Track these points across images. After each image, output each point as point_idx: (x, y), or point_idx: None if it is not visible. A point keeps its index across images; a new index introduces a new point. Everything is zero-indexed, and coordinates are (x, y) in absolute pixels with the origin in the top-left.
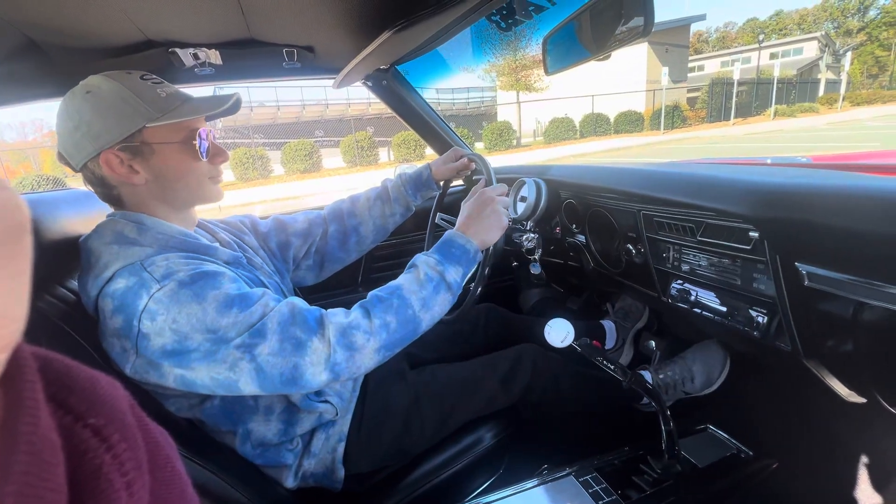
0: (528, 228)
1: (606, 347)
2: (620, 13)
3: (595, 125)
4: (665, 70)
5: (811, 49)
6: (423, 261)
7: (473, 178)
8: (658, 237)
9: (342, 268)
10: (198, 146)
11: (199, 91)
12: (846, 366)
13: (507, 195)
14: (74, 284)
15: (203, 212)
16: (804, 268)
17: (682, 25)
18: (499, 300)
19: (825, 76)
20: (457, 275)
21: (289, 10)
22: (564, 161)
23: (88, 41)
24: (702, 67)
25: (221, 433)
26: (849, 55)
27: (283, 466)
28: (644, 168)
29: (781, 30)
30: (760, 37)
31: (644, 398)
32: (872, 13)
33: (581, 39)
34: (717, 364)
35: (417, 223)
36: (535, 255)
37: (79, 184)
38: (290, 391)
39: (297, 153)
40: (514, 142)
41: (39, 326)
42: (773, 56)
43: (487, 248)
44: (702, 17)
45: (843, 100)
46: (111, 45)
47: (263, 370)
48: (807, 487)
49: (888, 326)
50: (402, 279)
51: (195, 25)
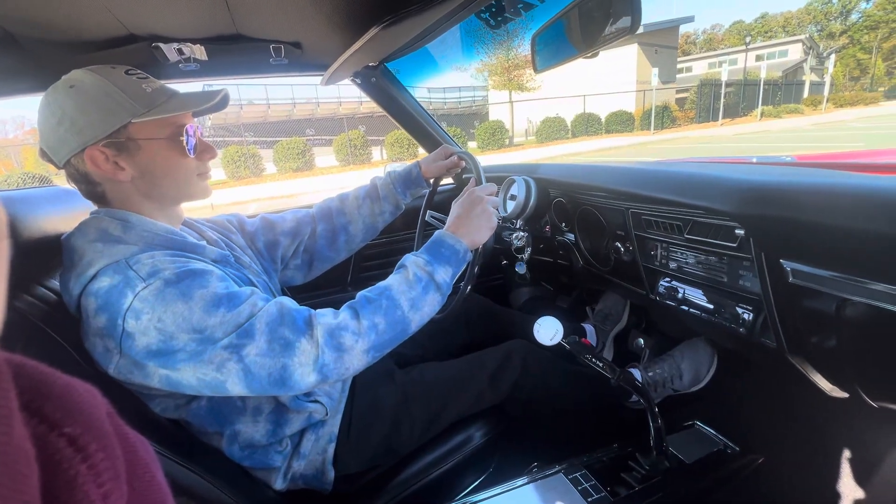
0: (518, 227)
1: None
2: (609, 11)
3: (586, 125)
4: (655, 71)
5: (796, 51)
6: (413, 261)
7: (463, 177)
8: (646, 235)
9: (331, 267)
10: (185, 142)
11: (185, 87)
12: (829, 361)
13: (497, 194)
14: (55, 284)
15: (195, 210)
16: (789, 265)
17: (671, 27)
18: (488, 298)
19: (809, 78)
20: (446, 275)
21: (275, 5)
22: (556, 160)
23: (69, 35)
24: (689, 69)
25: (208, 434)
26: (832, 58)
27: (272, 468)
28: (632, 166)
29: (767, 32)
30: (747, 38)
31: (633, 395)
32: (854, 17)
33: (569, 37)
34: (705, 361)
35: (407, 222)
36: (524, 254)
37: (64, 182)
38: (278, 392)
39: (290, 152)
40: (507, 141)
41: (18, 327)
42: (759, 58)
43: (477, 248)
44: (690, 19)
45: (827, 101)
46: (92, 40)
47: (251, 371)
48: (792, 481)
49: (870, 322)
50: (392, 280)
51: (179, 19)
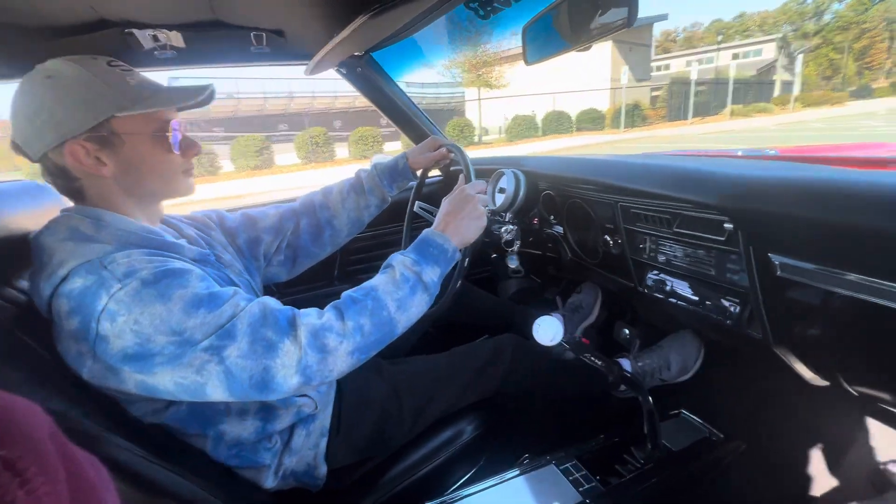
0: (507, 220)
1: None
2: (597, 3)
3: (557, 123)
4: (625, 69)
5: (769, 51)
6: (400, 260)
7: (451, 169)
8: (635, 228)
9: (316, 262)
10: (170, 138)
11: (159, 76)
12: (812, 351)
13: (486, 191)
14: (24, 284)
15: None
16: (777, 258)
17: (646, 24)
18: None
19: (781, 77)
20: (434, 274)
21: None
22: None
23: (34, 20)
24: (668, 66)
25: (191, 437)
26: (800, 57)
27: (262, 466)
28: (622, 160)
29: (745, 31)
30: (719, 37)
31: (621, 386)
32: (827, 17)
33: (561, 30)
34: (693, 353)
35: (393, 215)
36: (514, 247)
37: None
38: (259, 396)
39: (247, 149)
40: (476, 138)
41: None
42: (735, 56)
43: (466, 246)
44: (664, 17)
45: (796, 101)
46: (60, 25)
47: (232, 373)
48: (773, 466)
49: (854, 313)
50: (378, 279)
51: (154, 4)
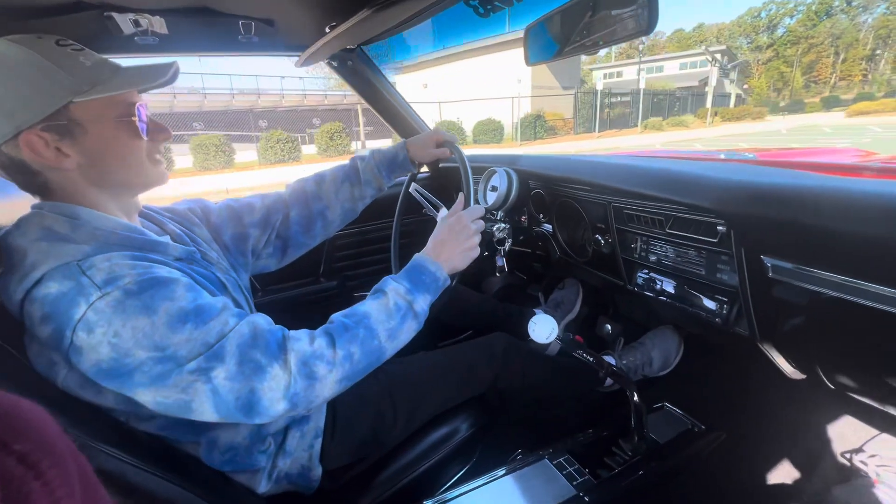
0: (499, 218)
1: None
2: (619, 12)
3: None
4: (519, 76)
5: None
6: (393, 288)
7: (441, 166)
8: (627, 228)
9: (305, 252)
10: (136, 122)
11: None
12: (794, 346)
13: (483, 217)
14: None
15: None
16: (769, 261)
17: None
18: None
19: (712, 90)
20: (425, 303)
21: None
22: None
23: None
24: (620, 74)
25: (184, 444)
26: (735, 71)
27: (256, 470)
28: (616, 161)
29: (702, 41)
30: (640, 47)
31: (606, 381)
32: (780, 31)
33: (565, 34)
34: (673, 348)
35: (380, 211)
36: (506, 246)
37: None
38: (243, 419)
39: (205, 148)
40: (353, 146)
41: None
42: (683, 66)
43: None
44: None
45: (716, 115)
46: (34, 5)
47: (219, 392)
48: (752, 455)
49: (837, 312)
50: (371, 306)
51: None
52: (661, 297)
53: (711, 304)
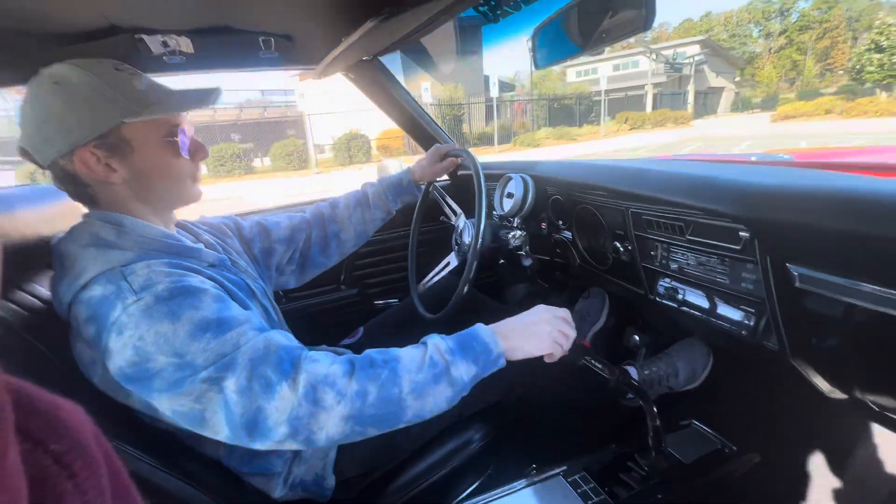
0: (515, 225)
1: None
2: (609, 5)
3: (347, 149)
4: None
5: (694, 49)
6: (435, 342)
7: (459, 174)
8: (646, 235)
9: (323, 270)
10: (179, 142)
11: (169, 81)
12: (831, 363)
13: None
14: (37, 288)
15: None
16: (796, 269)
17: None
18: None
19: (651, 91)
20: (466, 373)
21: None
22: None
23: (45, 26)
24: (595, 70)
25: (205, 445)
26: (683, 68)
27: (272, 474)
28: (634, 166)
29: (708, 31)
30: (606, 51)
31: (628, 394)
32: (794, 17)
33: (571, 33)
34: (701, 361)
35: (402, 219)
36: (523, 252)
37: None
38: (247, 439)
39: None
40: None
41: None
42: (617, 68)
43: (476, 248)
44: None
45: (626, 121)
46: (72, 31)
47: (229, 405)
48: (788, 481)
49: (877, 326)
50: (405, 352)
51: (164, 10)
52: (684, 308)
53: (737, 316)
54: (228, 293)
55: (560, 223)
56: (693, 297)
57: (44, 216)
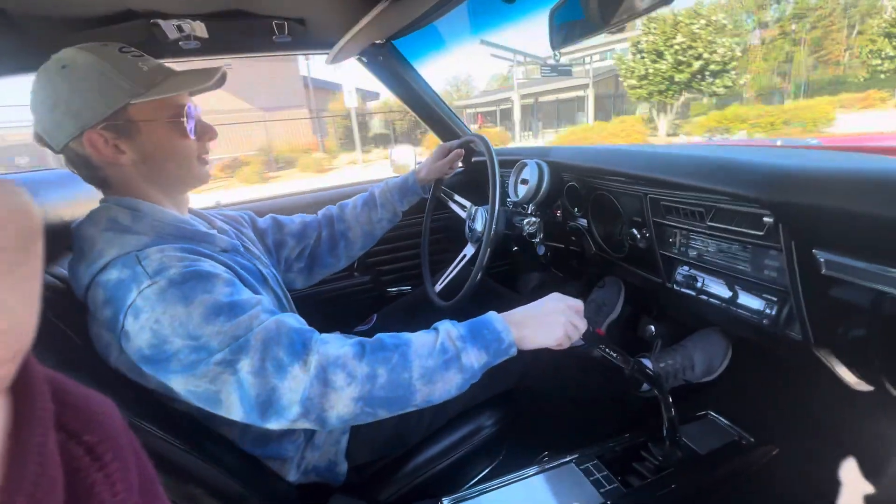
0: (529, 212)
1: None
2: None
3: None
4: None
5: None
6: (446, 328)
7: (473, 160)
8: (665, 222)
9: (330, 273)
10: (185, 123)
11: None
12: (858, 354)
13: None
14: (60, 271)
15: None
16: (822, 255)
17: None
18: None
19: (573, 93)
20: (477, 361)
21: None
22: None
23: (63, 11)
24: (582, 61)
25: (220, 427)
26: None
27: (286, 459)
28: (651, 150)
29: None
30: (554, 56)
31: (644, 385)
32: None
33: (589, 11)
34: (719, 352)
35: (416, 206)
36: (537, 239)
37: None
38: (262, 419)
39: None
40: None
41: None
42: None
43: (490, 238)
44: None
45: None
46: (88, 16)
47: (244, 386)
48: (807, 474)
49: None
50: (416, 337)
51: None
52: (703, 297)
53: (759, 305)
54: (240, 278)
55: (575, 210)
56: (712, 286)
57: (66, 201)
